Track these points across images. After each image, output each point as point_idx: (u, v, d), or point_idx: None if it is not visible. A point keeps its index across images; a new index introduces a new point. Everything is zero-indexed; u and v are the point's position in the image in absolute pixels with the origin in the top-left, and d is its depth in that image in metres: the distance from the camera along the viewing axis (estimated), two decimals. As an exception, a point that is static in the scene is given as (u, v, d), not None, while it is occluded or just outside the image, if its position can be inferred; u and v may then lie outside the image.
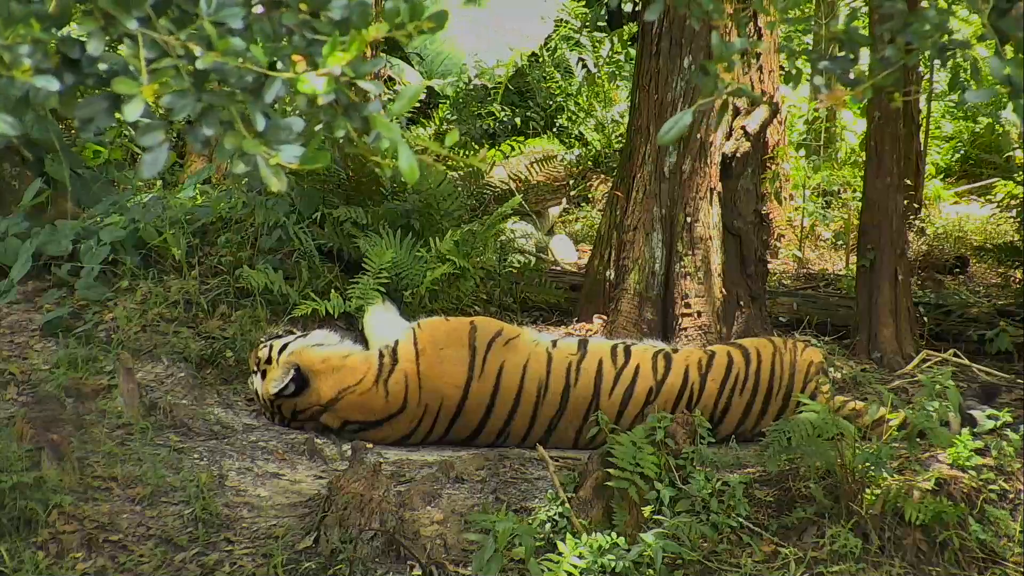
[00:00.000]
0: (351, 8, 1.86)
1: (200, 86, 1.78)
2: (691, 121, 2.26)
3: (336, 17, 1.85)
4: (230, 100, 1.80)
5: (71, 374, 5.05)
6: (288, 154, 1.83)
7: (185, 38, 1.77)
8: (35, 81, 1.77)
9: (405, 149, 1.86)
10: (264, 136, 1.83)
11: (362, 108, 1.88)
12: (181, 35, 1.77)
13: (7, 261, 6.00)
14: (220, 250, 6.11)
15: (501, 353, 5.12)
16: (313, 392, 5.02)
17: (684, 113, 2.20)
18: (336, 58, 1.81)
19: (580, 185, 9.97)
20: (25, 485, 3.99)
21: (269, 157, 1.82)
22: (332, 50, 1.81)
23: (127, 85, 1.75)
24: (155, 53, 1.78)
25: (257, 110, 1.81)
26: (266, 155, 1.82)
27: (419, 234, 6.36)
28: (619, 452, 4.06)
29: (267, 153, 1.82)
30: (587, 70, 10.74)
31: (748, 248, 6.31)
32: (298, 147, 1.84)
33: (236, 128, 1.81)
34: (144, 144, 1.82)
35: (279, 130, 1.84)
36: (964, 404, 4.97)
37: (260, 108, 1.81)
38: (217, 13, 1.80)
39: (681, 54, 6.09)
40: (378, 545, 3.95)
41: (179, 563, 3.93)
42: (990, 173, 10.06)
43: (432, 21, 1.88)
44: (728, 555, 3.98)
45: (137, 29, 1.77)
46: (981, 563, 4.03)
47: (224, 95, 1.80)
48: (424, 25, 1.89)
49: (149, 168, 1.85)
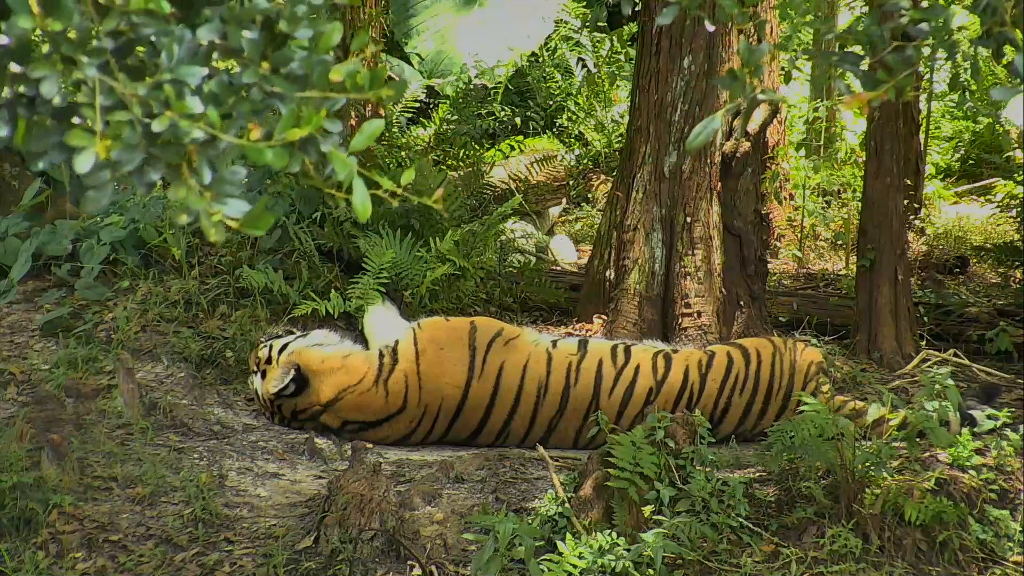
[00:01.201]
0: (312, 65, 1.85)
1: (151, 140, 1.78)
2: (720, 125, 2.27)
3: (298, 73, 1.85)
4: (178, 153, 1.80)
5: (71, 374, 5.05)
6: (232, 209, 1.83)
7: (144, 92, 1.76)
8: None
9: (359, 185, 1.86)
10: (210, 188, 1.82)
11: (318, 142, 1.87)
12: (139, 88, 1.77)
13: (7, 261, 6.00)
14: (220, 250, 6.12)
15: (501, 353, 5.12)
16: (313, 392, 5.02)
17: (713, 117, 2.20)
18: (294, 133, 1.81)
19: (580, 185, 9.97)
20: (25, 485, 3.99)
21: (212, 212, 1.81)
22: (289, 124, 1.81)
23: (80, 138, 1.75)
24: (111, 101, 1.78)
25: (204, 163, 1.80)
26: (209, 209, 1.81)
27: (419, 234, 6.36)
28: (619, 452, 4.06)
29: (210, 208, 1.81)
30: (587, 70, 10.74)
31: (748, 248, 6.30)
32: (243, 203, 1.83)
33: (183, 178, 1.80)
34: (88, 183, 1.83)
35: (224, 183, 1.83)
36: (964, 404, 4.97)
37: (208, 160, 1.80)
38: (176, 70, 1.79)
39: (681, 54, 6.09)
40: (378, 545, 3.95)
41: (179, 563, 3.93)
42: (990, 173, 10.06)
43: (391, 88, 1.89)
44: (728, 555, 3.98)
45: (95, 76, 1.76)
46: (981, 563, 4.03)
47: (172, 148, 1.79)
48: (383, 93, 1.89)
49: (93, 204, 1.86)
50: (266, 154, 1.81)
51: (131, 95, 1.76)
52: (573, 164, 10.08)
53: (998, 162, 9.79)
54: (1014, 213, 8.96)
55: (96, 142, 1.75)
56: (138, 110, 1.75)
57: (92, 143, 1.75)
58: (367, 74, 1.86)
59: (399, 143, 9.13)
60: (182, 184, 1.80)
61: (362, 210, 1.87)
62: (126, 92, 1.75)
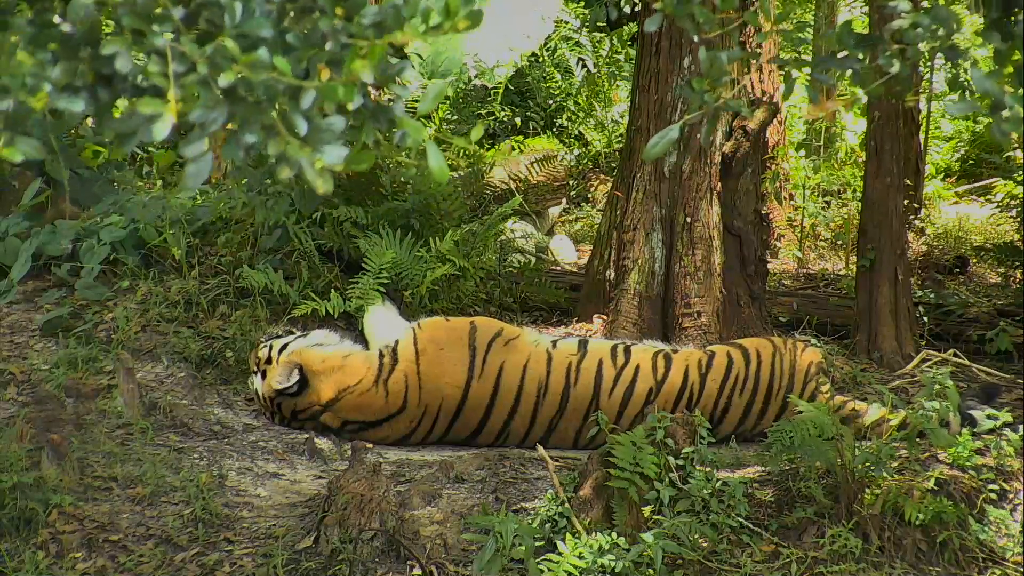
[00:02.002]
0: (383, 12, 1.85)
1: (231, 98, 1.78)
2: (679, 135, 2.28)
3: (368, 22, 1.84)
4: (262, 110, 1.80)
5: (71, 374, 5.05)
6: (332, 156, 1.83)
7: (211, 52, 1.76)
8: (58, 102, 1.77)
9: (434, 149, 1.86)
10: (306, 140, 1.82)
11: (388, 110, 1.88)
12: (207, 49, 1.77)
13: (7, 261, 6.00)
14: (220, 250, 6.11)
15: (501, 353, 5.12)
16: (313, 392, 5.02)
17: (672, 128, 2.21)
18: (358, 65, 1.81)
19: (580, 185, 9.97)
20: (25, 485, 3.99)
21: (314, 160, 1.82)
22: (354, 57, 1.81)
23: (151, 105, 1.75)
24: (184, 67, 1.78)
25: (298, 114, 1.80)
26: (311, 158, 1.81)
27: (419, 234, 6.36)
28: (619, 452, 4.06)
29: (311, 157, 1.81)
30: (587, 70, 10.74)
31: (748, 248, 6.30)
32: (341, 148, 1.83)
33: (279, 134, 1.80)
34: (187, 155, 1.82)
35: (320, 132, 1.83)
36: (964, 404, 4.97)
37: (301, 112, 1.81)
38: (245, 24, 1.79)
39: (681, 54, 6.09)
40: (378, 545, 3.95)
41: (179, 563, 3.93)
42: (990, 173, 10.06)
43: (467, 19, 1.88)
44: (728, 555, 3.98)
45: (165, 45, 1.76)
46: (981, 563, 4.03)
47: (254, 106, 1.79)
48: (459, 24, 1.88)
49: (194, 179, 1.84)
50: (336, 91, 1.81)
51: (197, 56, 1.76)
52: (573, 164, 10.07)
53: (998, 162, 9.78)
54: (1014, 213, 8.96)
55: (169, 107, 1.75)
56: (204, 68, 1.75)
57: (164, 108, 1.75)
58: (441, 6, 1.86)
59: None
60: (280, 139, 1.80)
61: (439, 171, 1.87)
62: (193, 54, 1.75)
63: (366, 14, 1.85)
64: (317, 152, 1.82)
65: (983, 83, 2.17)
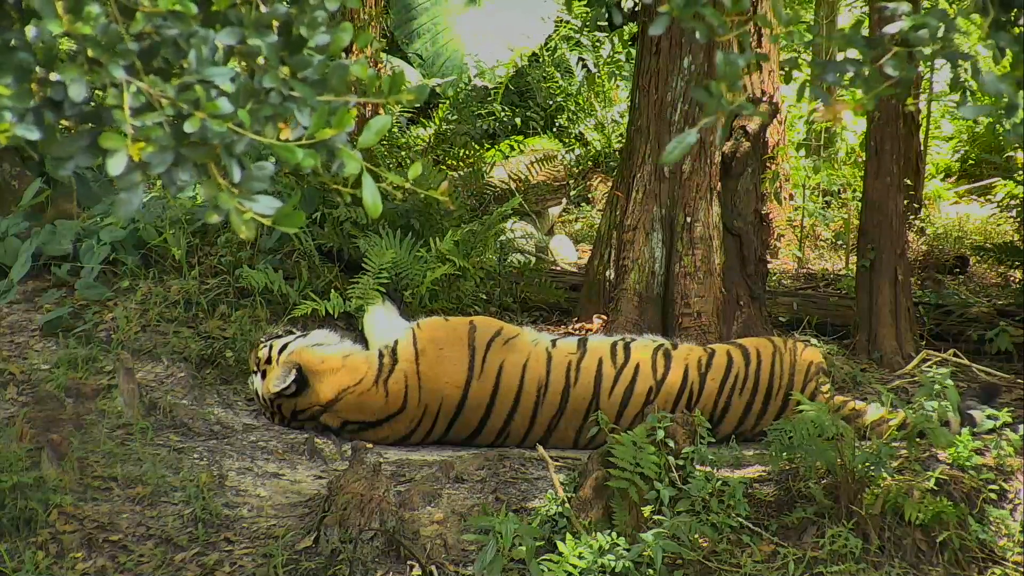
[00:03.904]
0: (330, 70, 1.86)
1: (180, 141, 1.78)
2: (696, 140, 2.26)
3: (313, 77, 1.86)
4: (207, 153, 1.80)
5: (71, 374, 5.05)
6: (262, 206, 1.83)
7: (174, 93, 1.77)
8: (16, 130, 1.78)
9: (369, 181, 1.87)
10: (239, 186, 1.83)
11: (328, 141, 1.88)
12: (168, 89, 1.77)
13: (7, 261, 6.00)
14: (220, 250, 6.11)
15: (501, 353, 5.12)
16: (313, 392, 5.02)
17: (689, 132, 2.19)
18: (325, 132, 1.82)
19: (580, 185, 9.97)
20: (25, 485, 3.99)
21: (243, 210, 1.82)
22: (320, 123, 1.82)
23: (113, 140, 1.76)
24: (139, 103, 1.78)
25: (232, 161, 1.81)
26: (239, 207, 1.82)
27: (419, 234, 6.36)
28: (619, 452, 4.06)
29: (240, 206, 1.82)
30: (587, 70, 10.74)
31: (748, 248, 6.31)
32: (273, 200, 1.84)
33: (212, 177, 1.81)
34: (120, 186, 1.83)
35: (252, 181, 1.84)
36: (964, 404, 4.97)
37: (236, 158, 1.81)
38: (204, 71, 1.80)
39: (681, 54, 6.09)
40: (378, 545, 3.95)
41: (179, 563, 3.93)
42: (990, 173, 10.06)
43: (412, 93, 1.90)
44: (728, 555, 3.98)
45: (123, 78, 1.77)
46: (981, 563, 4.03)
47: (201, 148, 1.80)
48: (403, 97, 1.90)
49: (126, 208, 1.86)
50: (297, 154, 1.82)
51: (159, 96, 1.77)
52: (573, 164, 10.07)
53: (998, 162, 9.79)
54: (1014, 213, 8.96)
55: (128, 144, 1.76)
56: (170, 111, 1.76)
57: (124, 145, 1.76)
58: (387, 79, 1.88)
59: (399, 143, 9.13)
60: (212, 183, 1.81)
61: (372, 206, 1.88)
62: (155, 93, 1.76)
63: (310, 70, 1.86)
64: (249, 200, 1.83)
65: (996, 85, 2.16)
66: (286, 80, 1.85)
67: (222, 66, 1.81)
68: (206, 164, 1.80)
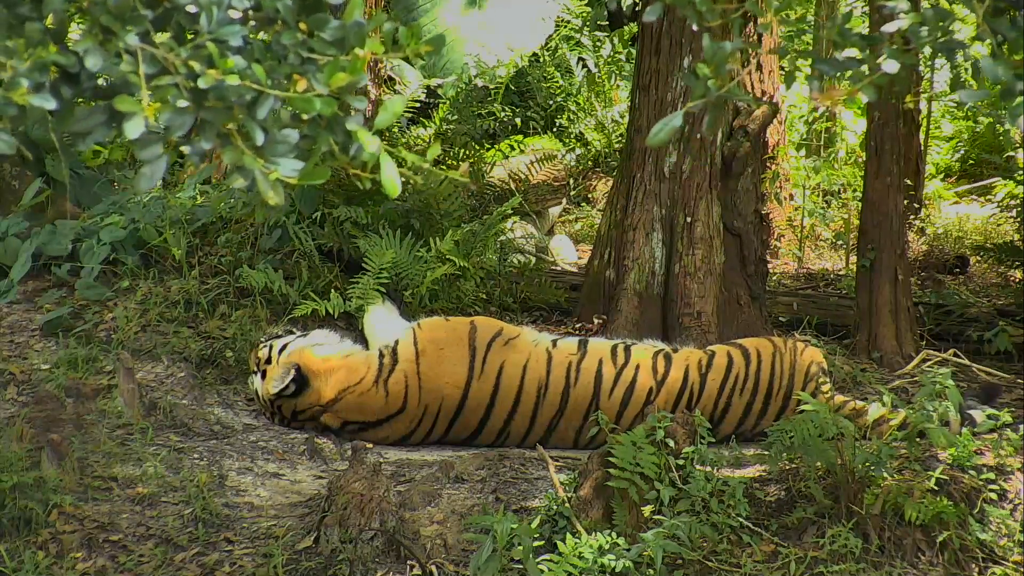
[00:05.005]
0: (347, 29, 1.86)
1: (199, 103, 1.79)
2: (682, 123, 2.26)
3: (330, 38, 1.86)
4: (227, 116, 1.80)
5: (71, 374, 5.05)
6: (286, 168, 1.84)
7: (186, 55, 1.77)
8: (31, 100, 1.78)
9: (387, 162, 1.87)
10: (262, 150, 1.83)
11: (344, 121, 1.88)
12: (182, 52, 1.77)
13: (7, 261, 6.00)
14: (220, 250, 6.11)
15: (501, 353, 5.12)
16: (313, 392, 5.02)
17: (675, 115, 2.20)
18: (339, 78, 1.82)
19: (580, 185, 9.97)
20: (25, 485, 3.99)
21: (268, 172, 1.82)
22: (334, 71, 1.82)
23: (128, 103, 1.76)
24: (154, 69, 1.78)
25: (255, 125, 1.81)
26: (264, 169, 1.82)
27: (419, 234, 6.36)
28: (619, 452, 4.06)
29: (265, 168, 1.82)
30: (587, 70, 10.74)
31: (748, 248, 6.30)
32: (296, 161, 1.84)
33: (234, 142, 1.81)
34: (142, 157, 1.83)
35: (276, 144, 1.84)
36: (964, 404, 4.97)
37: (257, 122, 1.81)
38: (217, 31, 1.80)
39: (681, 54, 6.09)
40: (378, 545, 3.95)
41: (179, 563, 3.93)
42: (990, 173, 10.05)
43: (430, 44, 1.90)
44: (728, 555, 3.98)
45: (137, 45, 1.77)
46: (981, 563, 4.03)
47: (221, 111, 1.80)
48: (421, 48, 1.90)
49: (147, 181, 1.86)
50: (315, 103, 1.82)
51: (173, 59, 1.77)
52: (573, 164, 10.07)
53: (998, 162, 9.78)
54: (1014, 213, 8.95)
55: (144, 106, 1.76)
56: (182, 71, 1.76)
57: (140, 108, 1.76)
58: (405, 31, 1.88)
59: (399, 143, 9.13)
60: (235, 149, 1.82)
61: (391, 186, 1.88)
62: (168, 57, 1.76)
63: (328, 30, 1.86)
64: (272, 164, 1.83)
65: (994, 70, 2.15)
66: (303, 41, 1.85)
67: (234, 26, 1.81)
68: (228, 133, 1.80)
